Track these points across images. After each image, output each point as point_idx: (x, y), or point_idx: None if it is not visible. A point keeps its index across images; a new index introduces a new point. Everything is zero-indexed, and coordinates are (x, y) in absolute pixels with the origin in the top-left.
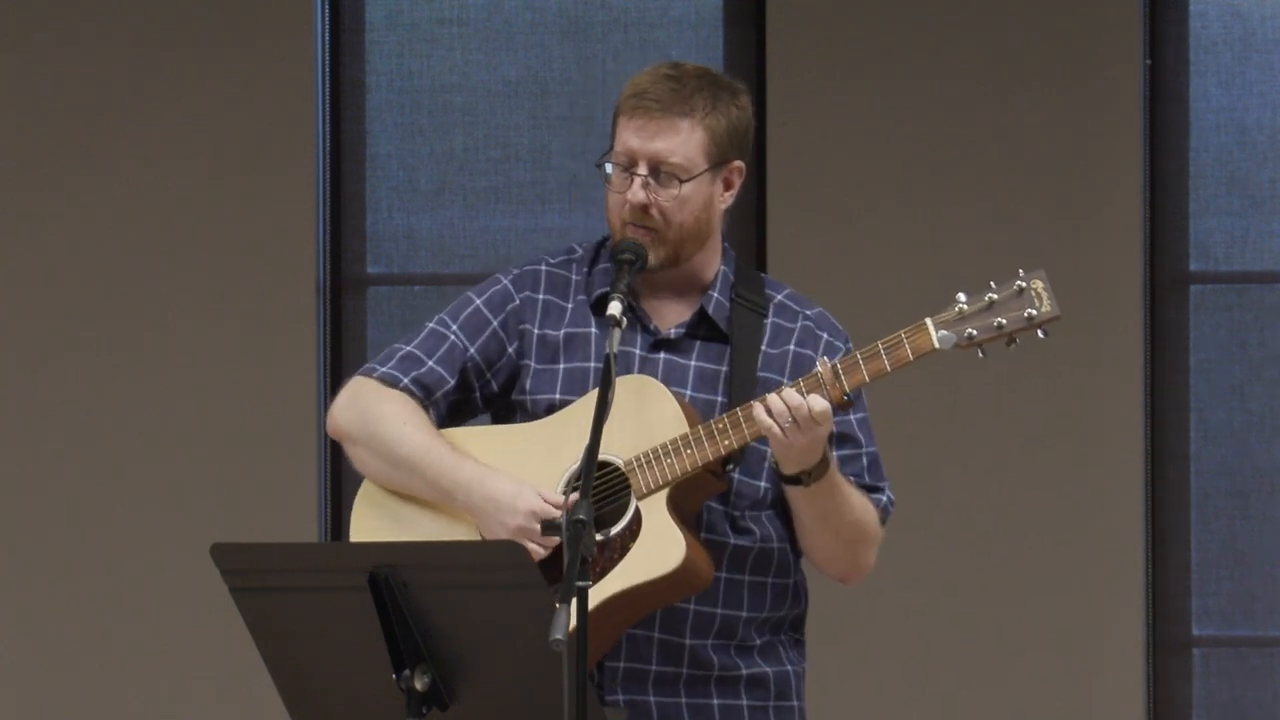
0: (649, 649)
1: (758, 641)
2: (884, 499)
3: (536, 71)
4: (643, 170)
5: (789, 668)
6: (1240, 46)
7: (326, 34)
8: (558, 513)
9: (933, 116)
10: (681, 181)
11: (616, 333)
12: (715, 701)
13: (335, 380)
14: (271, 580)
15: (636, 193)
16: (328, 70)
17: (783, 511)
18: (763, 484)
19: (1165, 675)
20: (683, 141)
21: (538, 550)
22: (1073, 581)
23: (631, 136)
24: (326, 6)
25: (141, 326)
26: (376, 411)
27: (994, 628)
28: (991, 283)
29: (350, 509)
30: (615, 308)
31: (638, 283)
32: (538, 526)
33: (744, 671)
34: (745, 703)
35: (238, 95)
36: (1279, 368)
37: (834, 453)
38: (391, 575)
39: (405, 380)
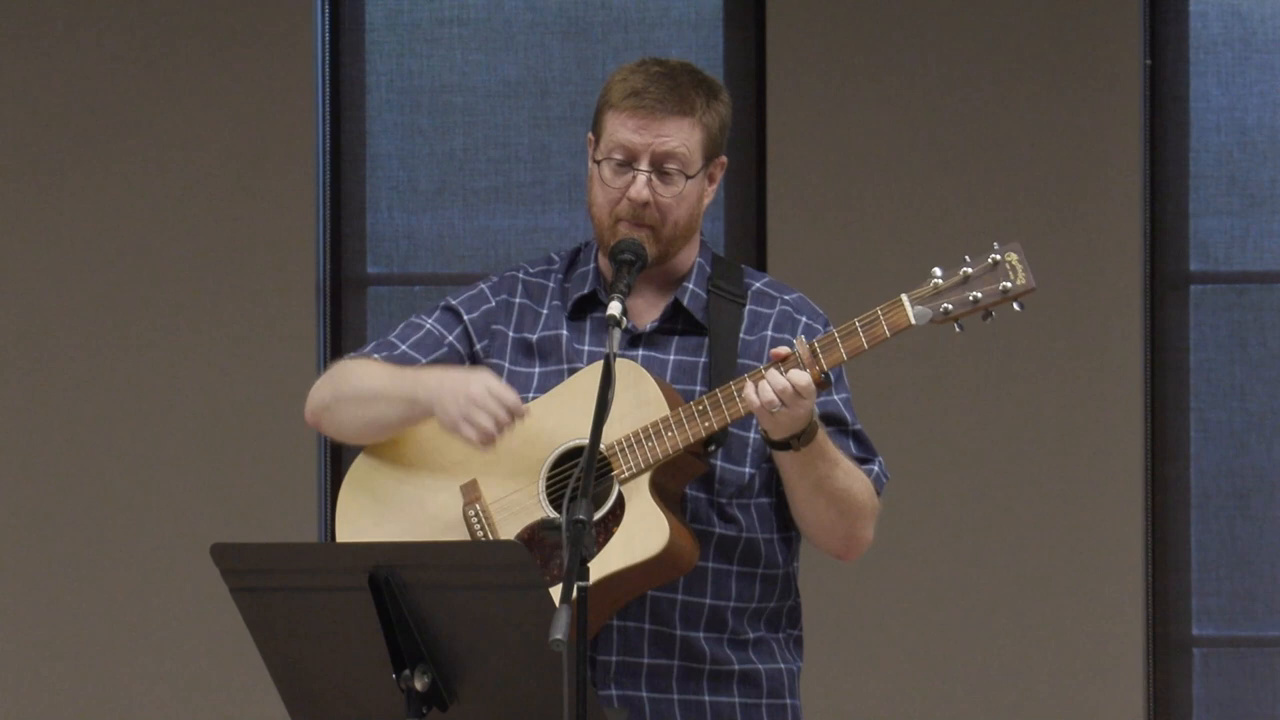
0: (640, 641)
1: (750, 635)
2: (876, 469)
3: (536, 71)
4: (645, 166)
5: (782, 665)
6: (1240, 46)
7: (326, 34)
8: (513, 396)
9: (932, 116)
10: (688, 178)
11: (616, 332)
12: (707, 698)
13: None
14: (271, 580)
15: (641, 190)
16: (328, 70)
17: (774, 501)
18: (747, 469)
19: (1165, 675)
20: (685, 139)
21: (485, 426)
22: (1073, 582)
23: (631, 134)
24: (326, 7)
25: (142, 326)
26: (343, 372)
27: (994, 628)
28: (966, 257)
29: None
30: (615, 307)
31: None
32: (493, 403)
33: (736, 667)
34: (738, 700)
35: (238, 95)
36: (1279, 368)
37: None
38: (391, 575)
39: (377, 356)
